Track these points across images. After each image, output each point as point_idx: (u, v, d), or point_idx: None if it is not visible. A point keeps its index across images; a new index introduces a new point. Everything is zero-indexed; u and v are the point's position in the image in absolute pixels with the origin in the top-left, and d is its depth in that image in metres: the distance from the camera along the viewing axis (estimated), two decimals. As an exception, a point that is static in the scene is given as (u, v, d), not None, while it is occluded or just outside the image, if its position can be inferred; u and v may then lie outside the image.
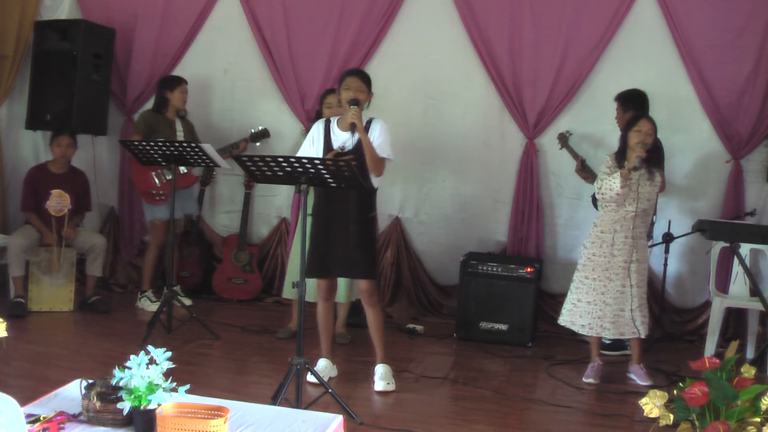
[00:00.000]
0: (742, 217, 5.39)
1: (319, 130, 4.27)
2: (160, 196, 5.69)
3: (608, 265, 4.50)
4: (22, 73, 6.41)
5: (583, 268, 4.58)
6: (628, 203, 4.46)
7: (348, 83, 4.20)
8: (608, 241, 4.50)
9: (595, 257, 4.54)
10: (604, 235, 4.53)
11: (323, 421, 2.57)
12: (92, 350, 4.78)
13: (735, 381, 2.91)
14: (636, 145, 4.40)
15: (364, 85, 4.23)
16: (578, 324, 4.58)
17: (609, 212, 4.53)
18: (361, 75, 4.29)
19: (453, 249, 5.86)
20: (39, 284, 5.54)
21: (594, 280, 4.52)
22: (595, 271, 4.53)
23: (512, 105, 5.81)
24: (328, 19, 6.06)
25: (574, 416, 4.07)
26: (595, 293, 4.51)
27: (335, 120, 4.28)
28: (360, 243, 4.19)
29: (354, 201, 4.18)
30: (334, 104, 4.96)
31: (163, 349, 2.49)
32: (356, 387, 4.26)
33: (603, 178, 4.47)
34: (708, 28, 5.45)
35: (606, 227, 4.53)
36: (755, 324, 5.20)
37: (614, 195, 4.41)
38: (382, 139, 4.16)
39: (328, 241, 4.20)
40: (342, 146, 4.17)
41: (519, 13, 5.73)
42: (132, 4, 6.41)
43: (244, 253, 6.14)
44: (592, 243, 4.58)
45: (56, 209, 5.55)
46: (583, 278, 4.57)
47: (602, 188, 4.46)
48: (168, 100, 5.77)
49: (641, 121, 4.48)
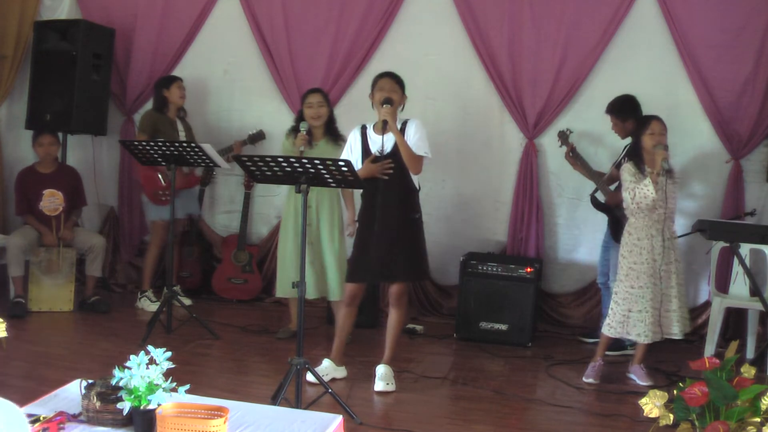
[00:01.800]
0: (742, 217, 5.39)
1: (356, 137, 4.32)
2: (165, 196, 5.70)
3: (651, 271, 4.44)
4: (21, 73, 6.42)
5: (627, 278, 4.49)
6: (658, 206, 4.43)
7: (381, 85, 4.24)
8: (647, 248, 4.45)
9: (636, 265, 4.47)
10: (641, 242, 4.47)
11: (323, 421, 2.57)
12: (92, 350, 4.78)
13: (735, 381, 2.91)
14: (654, 148, 4.38)
15: (397, 86, 4.26)
16: (633, 334, 4.50)
17: (641, 219, 4.49)
18: (394, 76, 4.32)
19: (453, 249, 5.86)
20: (39, 284, 5.54)
21: (641, 288, 4.44)
22: (640, 279, 4.45)
23: (512, 105, 5.81)
24: (328, 19, 6.07)
25: (574, 416, 4.07)
26: (644, 301, 4.44)
27: (371, 125, 4.31)
28: (405, 245, 4.23)
29: (397, 203, 4.21)
30: (314, 104, 4.98)
31: (163, 349, 2.49)
32: (356, 387, 4.25)
33: (632, 187, 4.43)
34: (708, 28, 5.45)
35: (641, 234, 4.48)
36: (755, 324, 5.20)
37: (650, 202, 4.38)
38: (418, 136, 4.18)
39: (374, 246, 4.22)
40: (380, 150, 4.19)
41: (519, 13, 5.73)
42: (132, 4, 6.42)
43: (243, 253, 6.14)
44: (630, 252, 4.50)
45: (51, 209, 5.56)
46: (629, 288, 4.48)
47: (636, 197, 4.41)
48: (166, 98, 5.76)
49: (651, 123, 4.47)
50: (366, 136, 4.30)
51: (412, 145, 4.16)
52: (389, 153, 4.18)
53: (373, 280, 4.34)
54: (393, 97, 4.17)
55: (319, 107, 5.00)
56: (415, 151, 4.16)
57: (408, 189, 4.29)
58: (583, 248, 5.82)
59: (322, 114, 5.00)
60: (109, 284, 6.37)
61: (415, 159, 4.18)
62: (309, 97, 5.05)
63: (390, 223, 4.21)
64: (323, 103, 5.03)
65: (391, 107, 4.14)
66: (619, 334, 4.56)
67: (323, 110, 5.01)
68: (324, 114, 5.02)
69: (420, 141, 4.18)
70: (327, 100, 5.11)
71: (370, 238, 4.23)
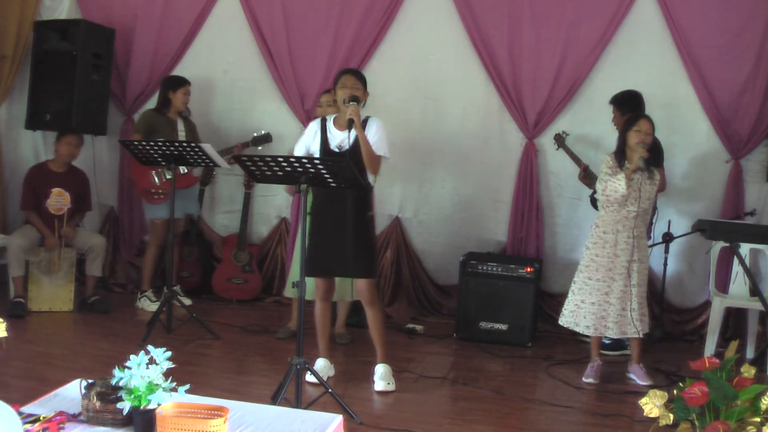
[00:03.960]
0: (741, 217, 5.39)
1: (315, 130, 4.26)
2: (159, 195, 5.69)
3: (611, 266, 4.49)
4: (22, 73, 6.41)
5: (586, 269, 4.57)
6: (630, 203, 4.45)
7: (344, 81, 4.19)
8: (611, 242, 4.50)
9: (598, 258, 4.53)
10: (606, 235, 4.52)
11: (323, 421, 2.57)
12: (92, 350, 4.78)
13: (735, 381, 2.91)
14: (636, 145, 4.40)
15: (360, 83, 4.21)
16: (582, 325, 4.57)
17: (611, 212, 4.53)
18: (357, 74, 4.29)
19: (453, 249, 5.86)
20: (39, 284, 5.54)
21: (598, 280, 4.51)
22: (598, 272, 4.52)
23: (512, 105, 5.81)
24: (327, 19, 6.07)
25: (574, 416, 4.07)
26: (598, 293, 4.50)
27: (331, 119, 4.26)
28: (358, 242, 4.18)
29: (351, 200, 4.17)
30: (324, 104, 4.96)
31: (163, 349, 2.49)
32: (356, 387, 4.25)
33: (606, 179, 4.46)
34: (708, 28, 5.45)
35: (608, 228, 4.52)
36: (755, 324, 5.20)
37: (619, 196, 4.41)
38: (378, 136, 4.15)
39: (327, 241, 4.19)
40: (339, 145, 4.17)
41: (519, 13, 5.73)
42: (132, 4, 6.42)
43: (243, 253, 6.14)
44: (594, 244, 4.57)
45: (56, 208, 5.56)
46: (586, 279, 4.56)
47: (606, 190, 4.45)
48: (170, 100, 5.77)
49: (640, 120, 4.48)
50: (326, 129, 4.23)
51: (372, 144, 4.13)
52: (349, 149, 4.08)
53: (332, 275, 4.29)
54: (357, 95, 4.13)
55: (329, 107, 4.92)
56: (374, 150, 4.14)
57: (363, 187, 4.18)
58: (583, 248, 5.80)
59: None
60: (109, 284, 6.37)
61: (375, 158, 4.14)
62: (324, 96, 5.02)
63: (345, 220, 4.16)
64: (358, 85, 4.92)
65: (356, 105, 4.09)
66: (568, 324, 4.63)
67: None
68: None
69: (380, 141, 4.15)
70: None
71: (329, 234, 4.18)
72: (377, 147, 4.14)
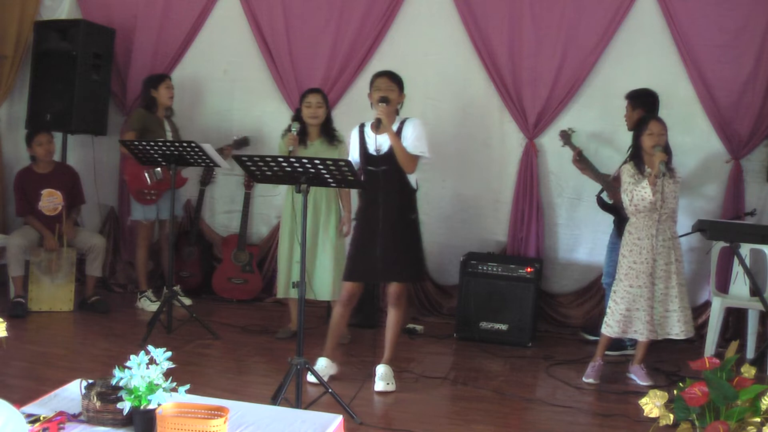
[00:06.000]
0: (742, 217, 5.38)
1: (355, 136, 4.34)
2: (150, 196, 5.71)
3: (651, 270, 4.44)
4: (22, 73, 6.42)
5: (626, 278, 4.50)
6: (658, 206, 4.44)
7: (377, 84, 4.24)
8: (647, 247, 4.45)
9: (636, 265, 4.47)
10: (641, 241, 4.47)
11: (323, 421, 2.57)
12: (92, 350, 4.78)
13: (735, 381, 2.91)
14: (653, 149, 4.38)
15: (395, 84, 4.25)
16: (631, 332, 4.52)
17: (641, 218, 4.48)
18: (392, 75, 4.31)
19: (453, 249, 5.86)
20: (39, 284, 5.54)
21: (640, 287, 4.45)
22: (639, 279, 4.45)
23: (512, 105, 5.81)
24: (328, 19, 6.07)
25: (574, 416, 4.07)
26: (642, 300, 4.45)
27: (369, 124, 4.31)
28: (402, 246, 4.22)
29: (395, 204, 4.20)
30: (313, 104, 4.99)
31: (163, 349, 2.49)
32: (356, 387, 4.25)
33: (631, 189, 4.43)
34: (708, 28, 5.45)
35: (642, 234, 4.47)
36: (755, 324, 5.20)
37: (647, 204, 4.39)
38: (415, 135, 4.18)
39: (371, 246, 4.21)
40: (378, 148, 4.19)
41: (519, 13, 5.73)
42: (132, 4, 6.42)
43: (244, 253, 6.14)
44: (630, 251, 4.50)
45: (50, 208, 5.57)
46: (627, 287, 4.48)
47: (634, 199, 4.42)
48: (155, 98, 5.77)
49: (650, 123, 4.46)
50: (363, 135, 4.31)
51: (409, 144, 4.16)
52: (386, 152, 4.17)
53: (375, 279, 4.33)
54: (390, 96, 4.17)
55: (318, 108, 5.00)
56: (411, 150, 4.16)
57: (407, 189, 4.29)
58: (583, 248, 5.81)
59: (319, 114, 5.01)
60: (109, 284, 6.37)
61: (409, 158, 4.17)
62: (308, 96, 5.05)
63: (391, 223, 4.21)
64: (322, 103, 5.03)
65: (386, 106, 4.13)
66: (617, 334, 4.55)
67: (321, 111, 5.02)
68: (321, 115, 5.02)
69: (417, 140, 4.18)
70: (326, 101, 5.11)
71: (373, 238, 4.23)
72: (414, 147, 4.17)
